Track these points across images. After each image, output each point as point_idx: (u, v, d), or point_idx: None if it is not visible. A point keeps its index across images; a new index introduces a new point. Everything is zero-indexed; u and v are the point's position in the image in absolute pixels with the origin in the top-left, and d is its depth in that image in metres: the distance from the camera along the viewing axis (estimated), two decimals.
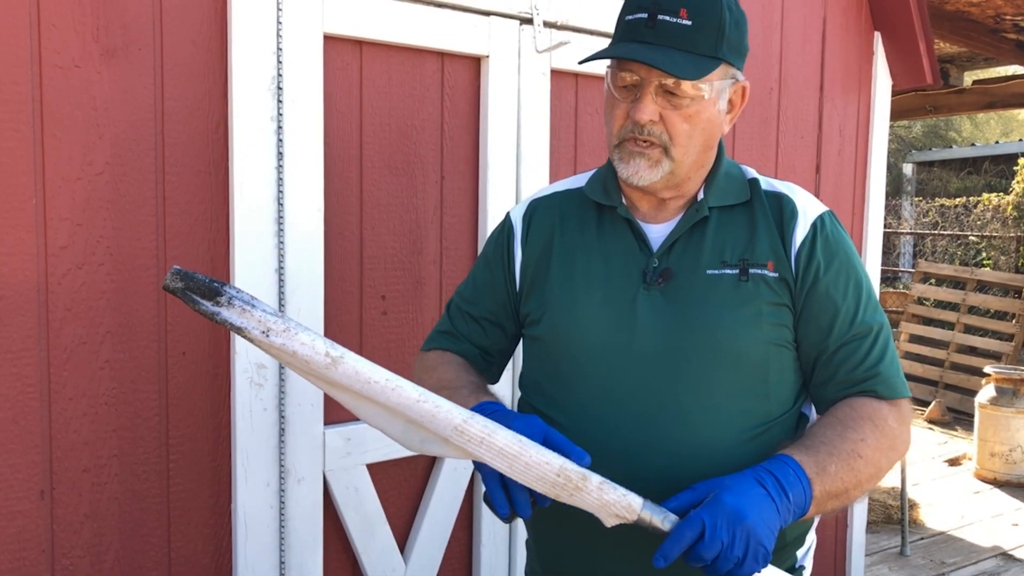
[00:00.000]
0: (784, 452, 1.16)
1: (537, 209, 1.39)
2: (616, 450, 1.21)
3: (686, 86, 1.18)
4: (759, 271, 1.23)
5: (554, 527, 1.29)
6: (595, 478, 1.06)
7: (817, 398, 1.29)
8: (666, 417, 1.21)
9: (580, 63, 1.30)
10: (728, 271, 1.23)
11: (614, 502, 1.06)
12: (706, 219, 1.27)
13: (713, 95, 1.21)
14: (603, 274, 1.28)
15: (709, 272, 1.24)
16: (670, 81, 1.17)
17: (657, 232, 1.29)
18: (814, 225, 1.26)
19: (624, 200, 1.31)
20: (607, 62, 1.26)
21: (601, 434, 1.23)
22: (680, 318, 1.22)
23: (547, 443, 1.10)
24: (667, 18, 1.16)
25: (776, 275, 1.23)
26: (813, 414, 1.34)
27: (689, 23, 1.16)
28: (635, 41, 1.19)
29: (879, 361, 1.24)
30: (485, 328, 1.42)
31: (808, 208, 1.28)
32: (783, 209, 1.27)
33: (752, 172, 1.34)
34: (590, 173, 1.40)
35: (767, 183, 1.32)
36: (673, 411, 1.21)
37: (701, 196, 1.29)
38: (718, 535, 1.04)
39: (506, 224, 1.43)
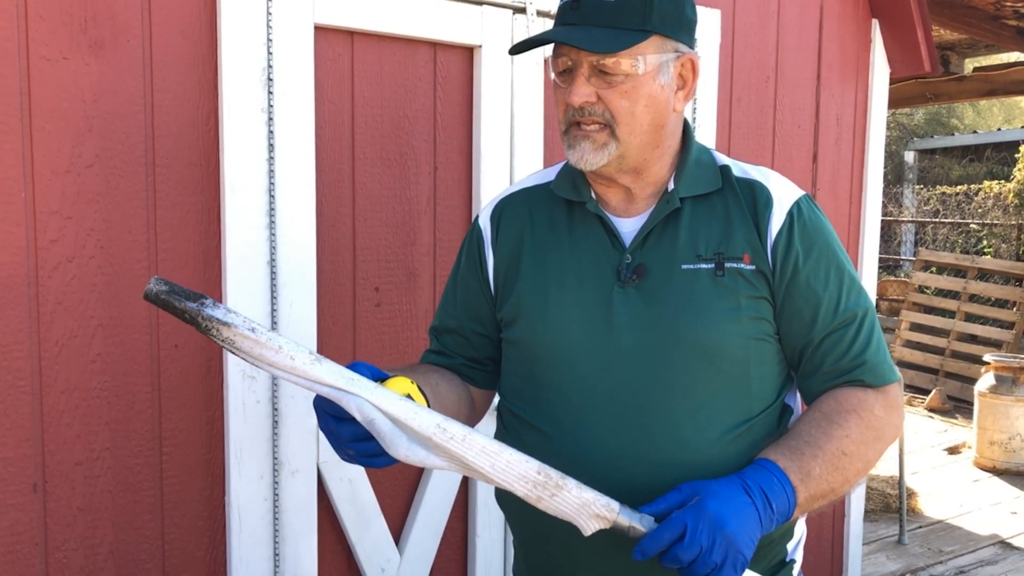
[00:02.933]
0: (769, 457, 1.15)
1: (506, 209, 1.37)
2: (597, 454, 1.20)
3: (616, 62, 1.15)
4: (735, 264, 1.20)
5: (540, 529, 1.28)
6: (572, 480, 1.07)
7: (804, 389, 1.28)
8: (647, 419, 1.19)
9: (510, 53, 1.28)
10: (704, 265, 1.21)
11: (593, 501, 1.07)
12: (679, 211, 1.24)
13: (649, 69, 1.17)
14: (575, 273, 1.25)
15: (684, 267, 1.21)
16: (597, 59, 1.16)
17: (629, 226, 1.26)
18: (790, 213, 1.23)
19: (594, 195, 1.28)
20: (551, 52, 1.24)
21: (581, 438, 1.21)
22: (657, 316, 1.20)
23: (375, 378, 1.10)
24: None
25: (753, 268, 1.21)
26: (797, 403, 1.33)
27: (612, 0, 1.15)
28: (562, 24, 1.19)
29: (865, 348, 1.23)
30: (471, 340, 1.40)
31: (783, 195, 1.25)
32: (757, 198, 1.24)
33: (723, 158, 1.31)
34: (558, 167, 1.37)
35: (740, 169, 1.29)
36: (654, 413, 1.19)
37: (672, 186, 1.26)
38: (698, 539, 1.04)
39: (475, 230, 1.40)
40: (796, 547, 1.34)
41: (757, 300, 1.21)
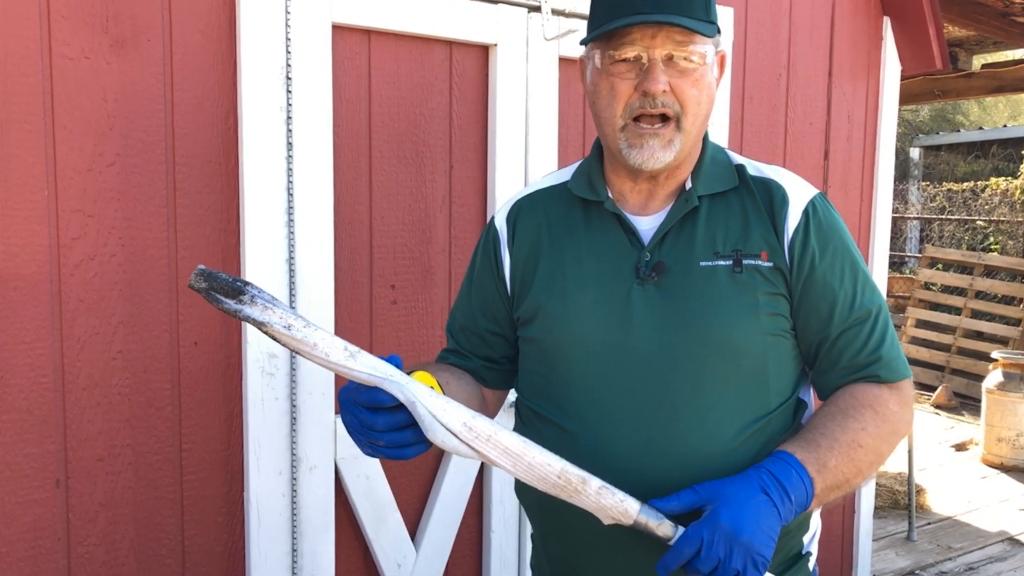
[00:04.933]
0: (786, 449, 1.16)
1: (522, 210, 1.37)
2: (615, 451, 1.21)
3: (692, 52, 1.17)
4: (753, 261, 1.22)
5: (560, 526, 1.29)
6: (595, 483, 1.08)
7: (820, 385, 1.29)
8: (665, 415, 1.20)
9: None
10: (721, 262, 1.22)
11: (611, 507, 1.08)
12: (696, 209, 1.25)
13: (711, 61, 1.21)
14: (594, 271, 1.26)
15: (703, 264, 1.22)
16: (671, 48, 1.16)
17: (647, 225, 1.27)
18: (806, 211, 1.24)
19: (611, 194, 1.29)
20: (587, 48, 1.24)
21: (600, 434, 1.22)
22: (676, 313, 1.21)
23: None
24: None
25: (771, 264, 1.22)
26: (811, 398, 1.34)
27: None
28: (632, 13, 1.16)
29: (880, 345, 1.24)
30: (487, 339, 1.40)
31: (798, 194, 1.26)
32: (773, 196, 1.25)
33: (738, 157, 1.32)
34: (574, 167, 1.38)
35: (754, 168, 1.30)
36: (672, 409, 1.20)
37: (689, 185, 1.27)
38: (714, 552, 1.06)
39: (491, 230, 1.40)
40: (812, 540, 1.35)
41: (775, 297, 1.22)
